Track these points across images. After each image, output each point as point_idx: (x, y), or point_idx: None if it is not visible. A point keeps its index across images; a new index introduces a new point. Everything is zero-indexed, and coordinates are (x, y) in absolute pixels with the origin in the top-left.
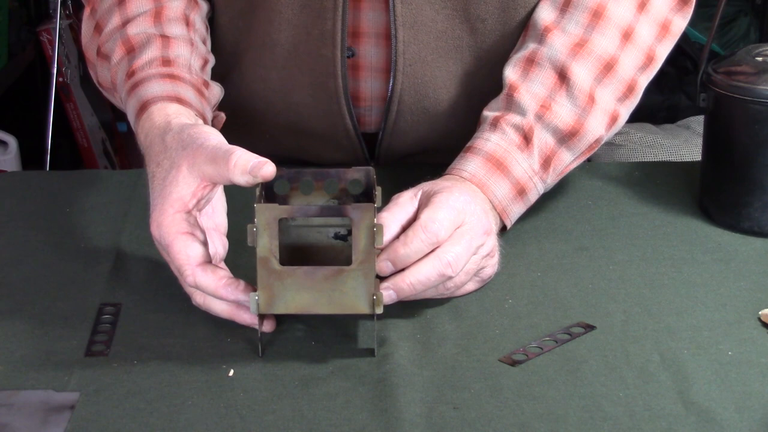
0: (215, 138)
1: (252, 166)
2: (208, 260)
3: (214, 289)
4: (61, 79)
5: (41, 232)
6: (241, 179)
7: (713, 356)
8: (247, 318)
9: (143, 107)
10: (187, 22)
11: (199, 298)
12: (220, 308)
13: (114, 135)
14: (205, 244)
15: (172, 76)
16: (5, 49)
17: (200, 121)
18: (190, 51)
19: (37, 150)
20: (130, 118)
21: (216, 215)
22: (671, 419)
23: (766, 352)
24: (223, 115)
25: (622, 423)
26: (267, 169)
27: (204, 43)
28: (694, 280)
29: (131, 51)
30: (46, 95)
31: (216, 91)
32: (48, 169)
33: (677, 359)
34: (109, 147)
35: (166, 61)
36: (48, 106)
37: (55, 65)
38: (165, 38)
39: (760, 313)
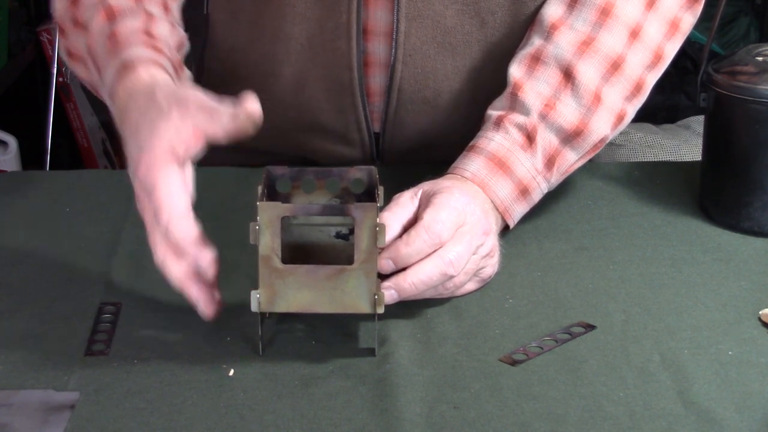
0: (200, 94)
1: (239, 106)
2: (191, 214)
3: (179, 237)
4: (61, 79)
5: (41, 232)
6: (228, 121)
7: (713, 356)
8: (194, 292)
9: (127, 66)
10: (165, 6)
11: (159, 255)
12: (176, 272)
13: (114, 135)
14: (189, 200)
15: (155, 48)
16: (5, 49)
17: None
18: (169, 30)
19: (37, 150)
20: (107, 78)
21: None
22: (671, 419)
23: (766, 352)
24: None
25: (622, 423)
26: (252, 105)
27: (178, 27)
28: (694, 280)
29: (112, 18)
30: (46, 95)
31: (186, 75)
32: (48, 169)
33: (677, 359)
34: (109, 147)
35: (149, 34)
36: (48, 106)
37: (55, 65)
38: (148, 14)
39: (760, 313)
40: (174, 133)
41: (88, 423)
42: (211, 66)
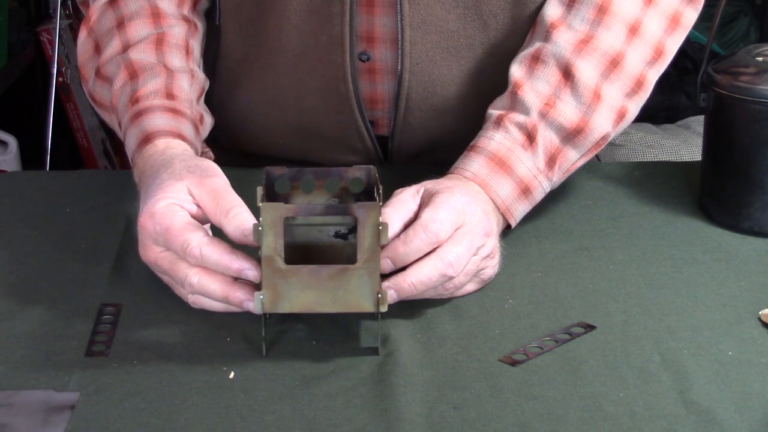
0: (221, 178)
1: (245, 228)
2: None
3: (218, 258)
4: (61, 79)
5: (41, 232)
6: (232, 232)
7: (713, 356)
8: (240, 295)
9: (147, 138)
10: (187, 50)
11: (194, 284)
12: (214, 288)
13: (114, 135)
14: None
15: (174, 111)
16: (5, 49)
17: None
18: (190, 83)
19: (37, 150)
20: (130, 144)
21: None
22: (671, 419)
23: (766, 352)
24: (211, 155)
25: (622, 423)
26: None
27: (199, 66)
28: (694, 280)
29: (134, 77)
30: (46, 95)
31: (208, 123)
32: (48, 169)
33: (677, 359)
34: (109, 147)
35: (170, 95)
36: (48, 106)
37: (55, 65)
38: (168, 70)
39: (760, 313)
40: (180, 192)
41: (88, 423)
42: (222, 74)
